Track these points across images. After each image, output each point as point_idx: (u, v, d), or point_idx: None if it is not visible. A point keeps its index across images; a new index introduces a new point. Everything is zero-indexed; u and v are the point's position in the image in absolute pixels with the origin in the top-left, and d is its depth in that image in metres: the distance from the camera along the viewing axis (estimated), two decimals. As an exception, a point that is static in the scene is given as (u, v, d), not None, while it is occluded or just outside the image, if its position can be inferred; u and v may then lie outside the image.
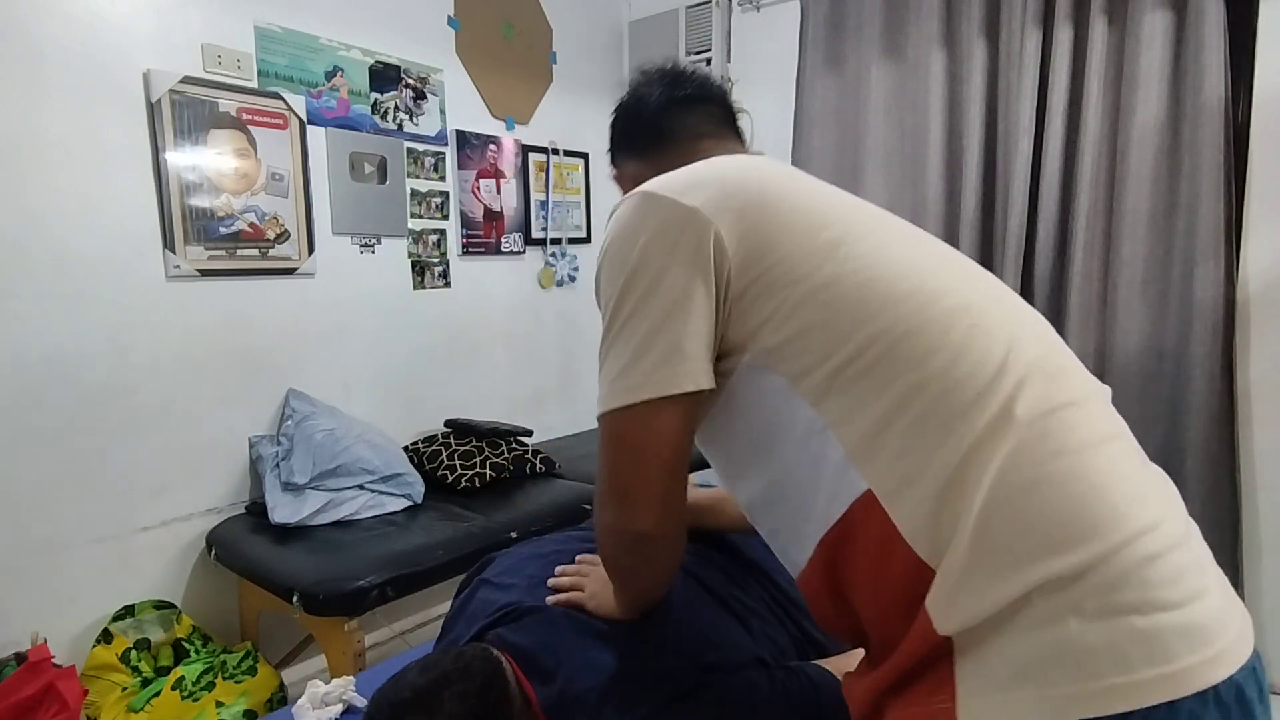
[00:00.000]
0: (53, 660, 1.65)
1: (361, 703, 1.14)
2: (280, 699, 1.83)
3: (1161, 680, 0.50)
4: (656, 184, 0.71)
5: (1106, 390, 0.67)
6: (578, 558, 1.02)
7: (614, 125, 0.98)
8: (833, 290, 0.63)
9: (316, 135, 2.22)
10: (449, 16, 2.56)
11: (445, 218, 2.61)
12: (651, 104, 0.93)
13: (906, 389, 0.59)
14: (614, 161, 0.99)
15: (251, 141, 2.07)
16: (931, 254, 0.70)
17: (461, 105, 2.62)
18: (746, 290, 0.66)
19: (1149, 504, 0.57)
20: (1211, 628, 0.53)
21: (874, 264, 0.64)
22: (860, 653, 0.72)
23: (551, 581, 0.98)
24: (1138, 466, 0.61)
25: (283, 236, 2.16)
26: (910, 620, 0.58)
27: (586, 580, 0.94)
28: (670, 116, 0.91)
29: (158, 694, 1.69)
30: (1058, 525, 0.54)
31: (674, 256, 0.66)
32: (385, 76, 2.39)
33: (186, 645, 1.86)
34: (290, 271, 2.19)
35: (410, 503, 2.13)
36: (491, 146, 2.72)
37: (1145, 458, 0.64)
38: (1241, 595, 1.99)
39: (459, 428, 2.46)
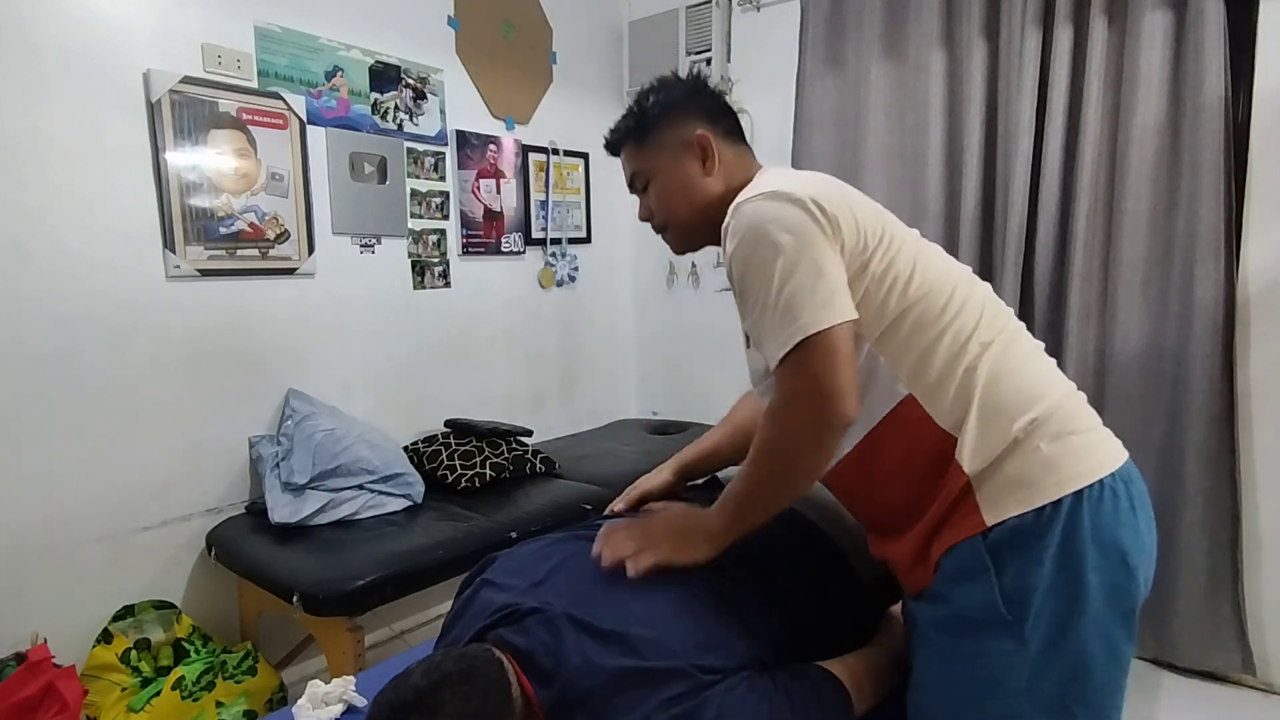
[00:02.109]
0: (53, 660, 1.65)
1: (361, 703, 1.14)
2: (280, 699, 1.83)
3: (1090, 469, 0.89)
4: (784, 186, 0.94)
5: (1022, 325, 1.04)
6: (605, 527, 1.05)
7: (698, 89, 1.14)
8: (883, 281, 0.95)
9: (316, 135, 2.22)
10: (449, 16, 2.56)
11: (445, 218, 2.61)
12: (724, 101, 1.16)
13: (934, 337, 0.93)
14: (679, 115, 1.10)
15: (251, 141, 2.06)
16: (936, 251, 1.03)
17: (461, 105, 2.62)
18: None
19: (1064, 380, 0.98)
20: (1102, 444, 0.94)
21: (902, 260, 0.96)
22: (845, 660, 1.01)
23: (602, 554, 1.01)
24: (1050, 360, 1.01)
25: (283, 236, 2.16)
26: (941, 475, 0.91)
27: (645, 540, 1.00)
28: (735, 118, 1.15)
29: (158, 694, 1.69)
30: (1026, 393, 0.92)
31: (807, 231, 0.90)
32: (385, 76, 2.39)
33: (186, 645, 1.86)
34: (290, 271, 2.19)
35: (410, 503, 2.13)
36: (491, 146, 2.72)
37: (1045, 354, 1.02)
38: (1241, 595, 2.00)
39: (459, 428, 2.46)
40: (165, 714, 1.67)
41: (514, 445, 2.42)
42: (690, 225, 1.12)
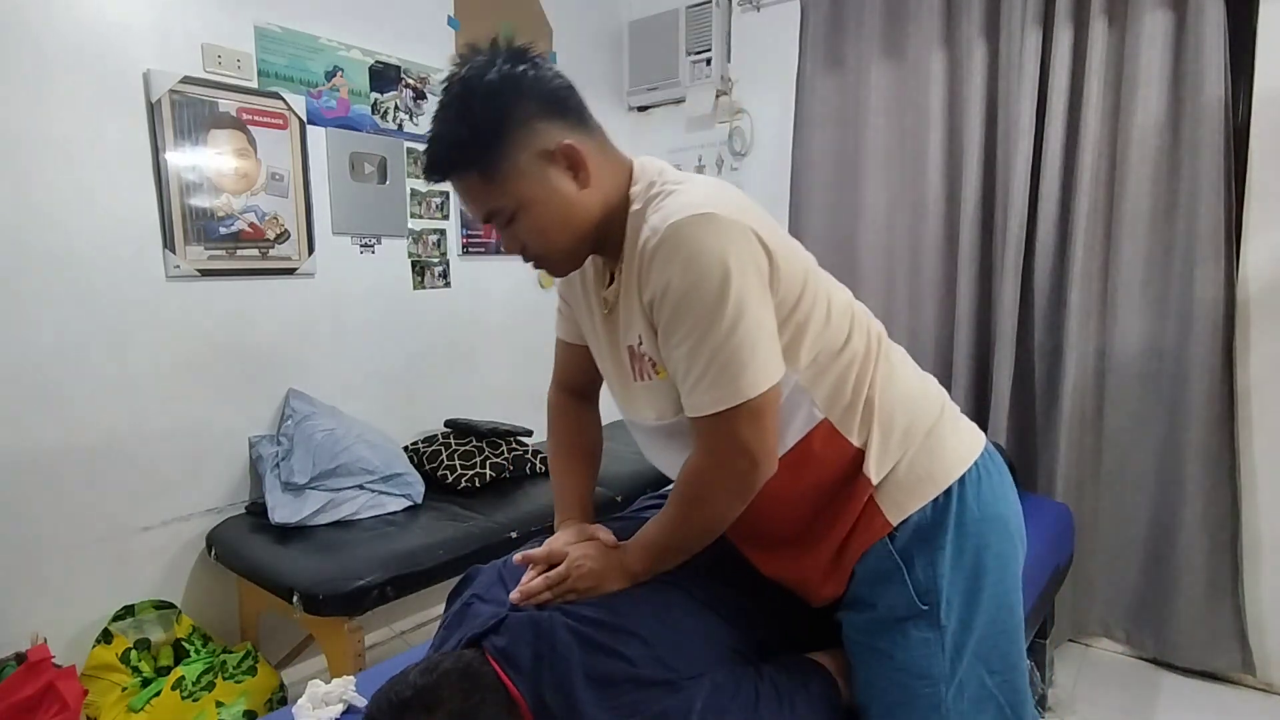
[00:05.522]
0: (53, 660, 1.65)
1: (362, 703, 1.14)
2: (280, 699, 1.83)
3: (968, 453, 0.98)
4: (716, 206, 0.84)
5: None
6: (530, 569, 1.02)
7: (523, 74, 0.91)
8: (806, 325, 0.92)
9: (316, 135, 2.22)
10: (449, 16, 2.56)
11: (445, 218, 2.61)
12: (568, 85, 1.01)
13: (844, 368, 0.94)
14: (524, 122, 0.89)
15: (251, 141, 2.07)
16: (829, 278, 1.00)
17: (461, 105, 2.61)
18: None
19: (928, 376, 1.06)
20: (969, 427, 1.04)
21: (820, 300, 0.94)
22: (831, 651, 1.04)
23: (527, 588, 0.98)
24: (912, 361, 1.06)
25: (283, 236, 2.16)
26: (851, 487, 0.95)
27: (573, 569, 0.99)
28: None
29: (158, 694, 1.70)
30: (910, 397, 0.98)
31: (751, 272, 0.84)
32: (385, 76, 2.39)
33: (186, 645, 1.86)
34: (290, 271, 2.19)
35: (410, 503, 2.13)
36: (491, 146, 2.72)
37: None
38: (1241, 595, 2.00)
39: (459, 428, 2.46)
40: (165, 714, 1.67)
41: (514, 445, 2.42)
42: (575, 252, 0.98)
